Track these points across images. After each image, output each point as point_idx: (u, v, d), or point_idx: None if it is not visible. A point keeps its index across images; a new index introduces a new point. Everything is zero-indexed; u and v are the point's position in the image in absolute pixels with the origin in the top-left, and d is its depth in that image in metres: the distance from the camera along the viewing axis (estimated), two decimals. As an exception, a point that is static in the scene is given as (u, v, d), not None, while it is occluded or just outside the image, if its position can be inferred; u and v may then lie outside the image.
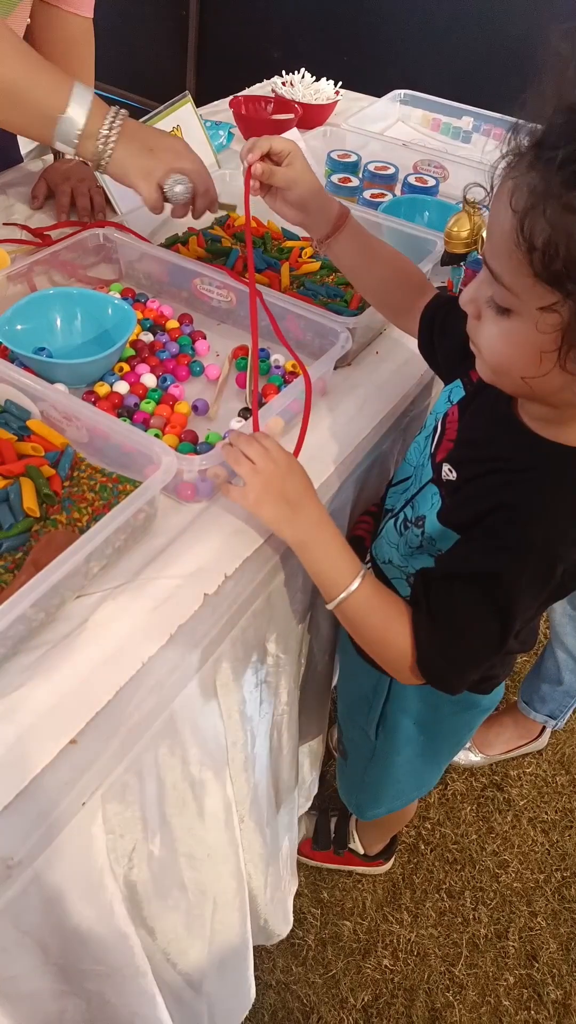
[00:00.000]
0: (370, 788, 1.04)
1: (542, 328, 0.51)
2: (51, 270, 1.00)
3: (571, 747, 1.57)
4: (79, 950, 0.62)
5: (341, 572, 0.67)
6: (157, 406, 0.86)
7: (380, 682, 0.88)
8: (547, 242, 0.47)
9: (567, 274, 0.48)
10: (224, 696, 0.73)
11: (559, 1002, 1.24)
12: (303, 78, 1.61)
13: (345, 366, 0.98)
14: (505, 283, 0.52)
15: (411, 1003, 1.22)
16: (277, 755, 0.92)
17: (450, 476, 0.68)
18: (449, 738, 0.95)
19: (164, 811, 0.68)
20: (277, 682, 0.83)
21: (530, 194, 0.47)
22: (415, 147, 1.45)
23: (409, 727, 0.90)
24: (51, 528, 0.70)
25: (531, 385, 0.55)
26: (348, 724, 1.01)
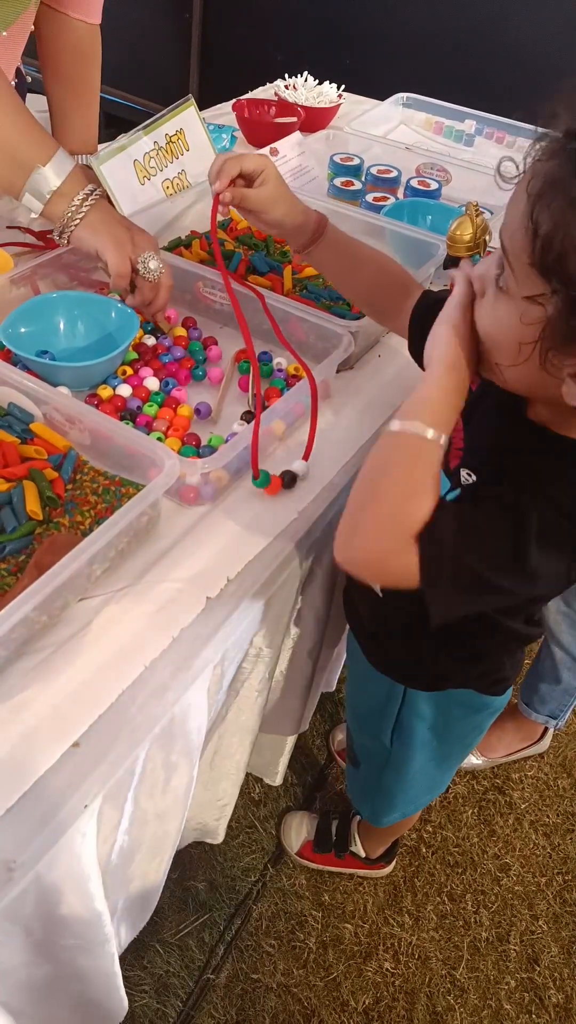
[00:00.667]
0: (386, 794, 1.03)
1: (525, 319, 0.51)
2: (54, 273, 1.01)
3: (573, 750, 1.57)
4: (60, 930, 0.63)
5: (439, 414, 0.59)
6: (160, 410, 0.86)
7: (393, 689, 0.88)
8: (548, 232, 0.48)
9: (557, 268, 0.48)
10: (211, 690, 0.73)
11: (560, 1006, 1.24)
12: (306, 81, 1.62)
13: (347, 369, 0.98)
14: (510, 260, 0.52)
15: (412, 1006, 1.22)
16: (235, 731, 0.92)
17: (470, 480, 0.67)
18: (460, 740, 0.95)
19: (138, 797, 0.68)
20: (252, 669, 0.83)
21: (544, 181, 0.48)
22: (418, 150, 1.45)
23: (424, 732, 0.90)
24: (54, 531, 0.70)
25: (504, 374, 0.56)
26: (361, 733, 1.01)
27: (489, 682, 0.84)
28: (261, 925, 1.27)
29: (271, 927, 1.27)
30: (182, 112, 1.21)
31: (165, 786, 0.73)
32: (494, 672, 0.84)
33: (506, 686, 0.87)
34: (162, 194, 1.18)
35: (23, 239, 1.10)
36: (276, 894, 1.31)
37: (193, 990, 1.19)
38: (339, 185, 1.32)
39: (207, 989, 1.19)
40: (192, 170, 1.23)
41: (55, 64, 1.18)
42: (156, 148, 1.17)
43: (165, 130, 1.19)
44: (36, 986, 0.70)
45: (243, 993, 1.20)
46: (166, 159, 1.19)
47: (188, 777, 0.76)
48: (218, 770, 0.97)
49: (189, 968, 1.21)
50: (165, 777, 0.72)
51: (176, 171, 1.21)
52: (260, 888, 1.31)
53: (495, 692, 0.86)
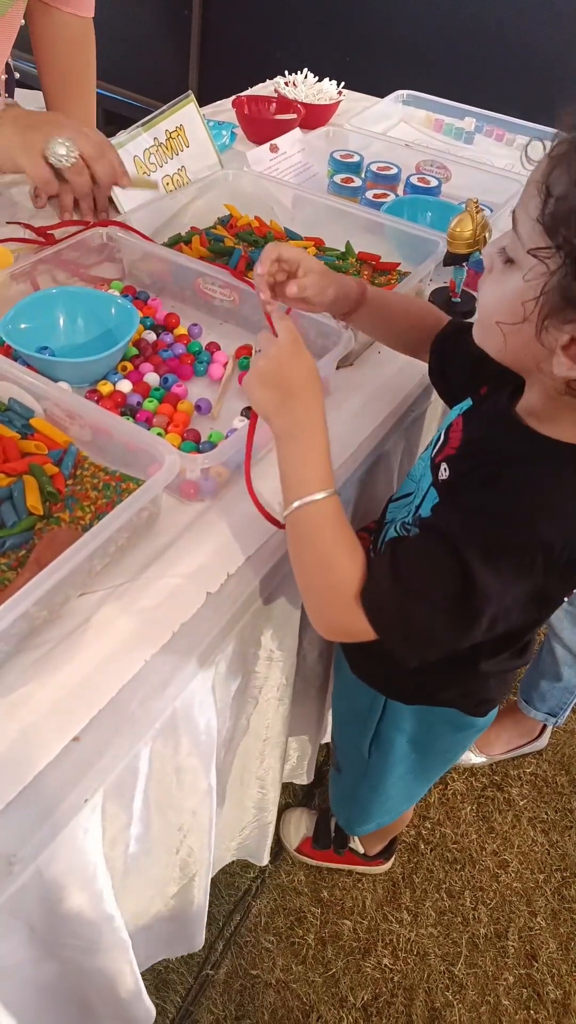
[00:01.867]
0: (361, 804, 1.03)
1: (528, 275, 0.53)
2: (54, 269, 1.01)
3: (571, 747, 1.57)
4: (65, 929, 0.63)
5: (314, 478, 0.63)
6: (160, 405, 0.86)
7: (375, 700, 0.87)
8: (562, 192, 0.50)
9: (564, 224, 0.50)
10: (218, 689, 0.73)
11: (559, 1002, 1.24)
12: (306, 78, 1.61)
13: (347, 366, 0.98)
14: (519, 229, 0.54)
15: (411, 1002, 1.22)
16: (260, 742, 0.93)
17: (444, 475, 0.68)
18: (441, 756, 0.95)
19: (148, 797, 0.69)
20: (267, 673, 0.83)
21: (568, 145, 0.50)
22: (418, 147, 1.45)
23: (403, 745, 0.90)
24: (54, 526, 0.70)
25: (505, 335, 0.57)
26: (342, 739, 1.01)
27: (474, 702, 0.84)
28: (260, 921, 1.27)
29: (270, 923, 1.27)
30: (182, 108, 1.21)
31: (179, 790, 0.73)
32: (480, 693, 0.83)
33: (491, 707, 0.86)
34: (162, 190, 1.17)
35: (23, 235, 1.10)
36: (275, 890, 1.31)
37: (192, 986, 1.19)
38: (339, 182, 1.32)
39: (206, 985, 1.20)
40: (192, 166, 1.23)
41: (49, 59, 1.18)
42: (156, 144, 1.17)
43: (165, 126, 1.19)
44: (43, 985, 0.70)
45: (242, 989, 1.20)
46: (166, 155, 1.19)
47: (205, 782, 0.76)
48: (248, 787, 0.97)
49: (188, 964, 1.21)
50: (177, 780, 0.72)
51: (176, 167, 1.21)
52: (259, 884, 1.31)
53: (479, 713, 0.85)
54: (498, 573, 0.56)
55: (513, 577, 0.57)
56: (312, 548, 0.64)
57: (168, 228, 1.15)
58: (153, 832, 0.73)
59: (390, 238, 1.14)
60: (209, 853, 0.84)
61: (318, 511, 0.62)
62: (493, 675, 0.81)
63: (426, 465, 0.73)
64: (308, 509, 0.62)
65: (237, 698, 0.83)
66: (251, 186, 1.24)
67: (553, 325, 0.52)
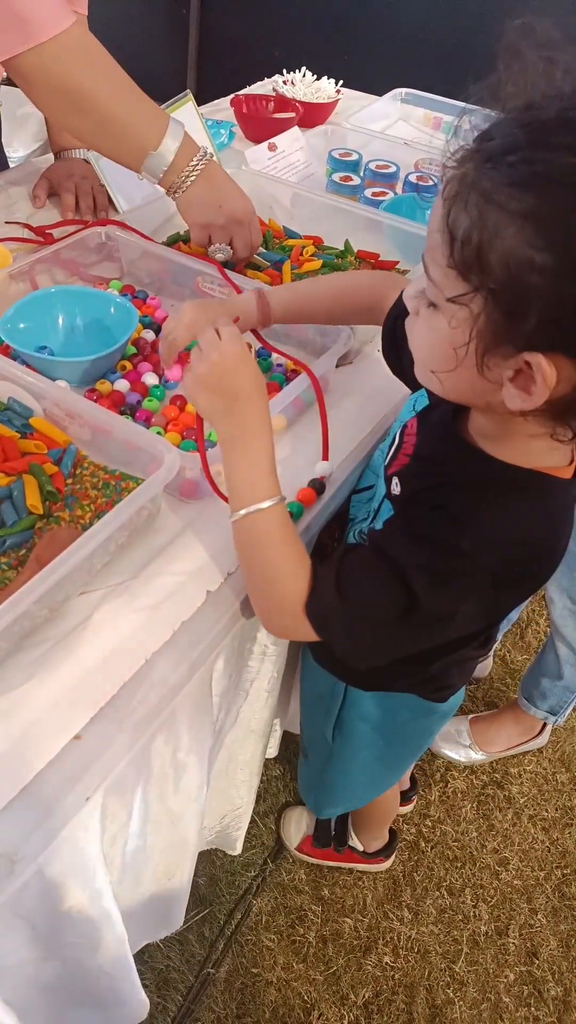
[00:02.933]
0: (327, 788, 1.04)
1: (453, 322, 0.51)
2: (53, 268, 1.01)
3: (571, 745, 1.58)
4: (66, 927, 0.63)
5: (259, 486, 0.63)
6: (166, 406, 0.86)
7: (335, 687, 0.88)
8: (466, 230, 0.47)
9: (476, 265, 0.47)
10: (215, 684, 0.73)
11: (559, 999, 1.24)
12: (304, 76, 1.61)
13: (347, 364, 0.98)
14: (431, 275, 0.52)
15: (412, 1000, 1.22)
16: (247, 732, 0.93)
17: (396, 490, 0.67)
18: (409, 742, 0.95)
19: (147, 794, 0.69)
20: (260, 667, 0.83)
21: (459, 183, 0.48)
22: (416, 146, 1.45)
23: (367, 732, 0.90)
24: (54, 525, 0.70)
25: (441, 381, 0.56)
26: (308, 725, 1.01)
27: (432, 688, 0.84)
28: (261, 920, 1.27)
29: (271, 922, 1.27)
30: (180, 107, 1.21)
31: (176, 786, 0.73)
32: (439, 680, 0.83)
33: (451, 692, 0.86)
34: (160, 189, 1.17)
35: (22, 234, 1.10)
36: (276, 889, 1.31)
37: (193, 984, 1.19)
38: (338, 180, 1.32)
39: (207, 983, 1.20)
40: (190, 165, 1.23)
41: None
42: (154, 143, 1.17)
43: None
44: (44, 984, 0.70)
45: (243, 987, 1.20)
46: (164, 154, 1.19)
47: (200, 777, 0.76)
48: (232, 776, 0.97)
49: (189, 963, 1.21)
50: (175, 776, 0.72)
51: (174, 166, 1.20)
52: (260, 883, 1.31)
53: (439, 699, 0.86)
54: (445, 596, 0.57)
55: (460, 597, 0.58)
56: (258, 556, 0.64)
57: (167, 227, 1.15)
58: (150, 828, 0.73)
59: (389, 236, 1.14)
60: (196, 844, 0.84)
61: (264, 519, 0.63)
62: (453, 664, 0.82)
63: (380, 467, 0.73)
64: (254, 517, 0.63)
65: (230, 691, 0.83)
66: (249, 185, 1.23)
67: (493, 362, 0.51)
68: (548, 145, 0.45)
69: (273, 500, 0.63)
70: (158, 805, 0.72)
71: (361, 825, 1.30)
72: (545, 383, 0.48)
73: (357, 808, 1.12)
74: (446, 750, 1.51)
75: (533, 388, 0.49)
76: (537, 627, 1.79)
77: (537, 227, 0.45)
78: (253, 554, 0.65)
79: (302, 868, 1.34)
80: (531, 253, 0.45)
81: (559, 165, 0.45)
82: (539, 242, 0.45)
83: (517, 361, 0.49)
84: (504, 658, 1.72)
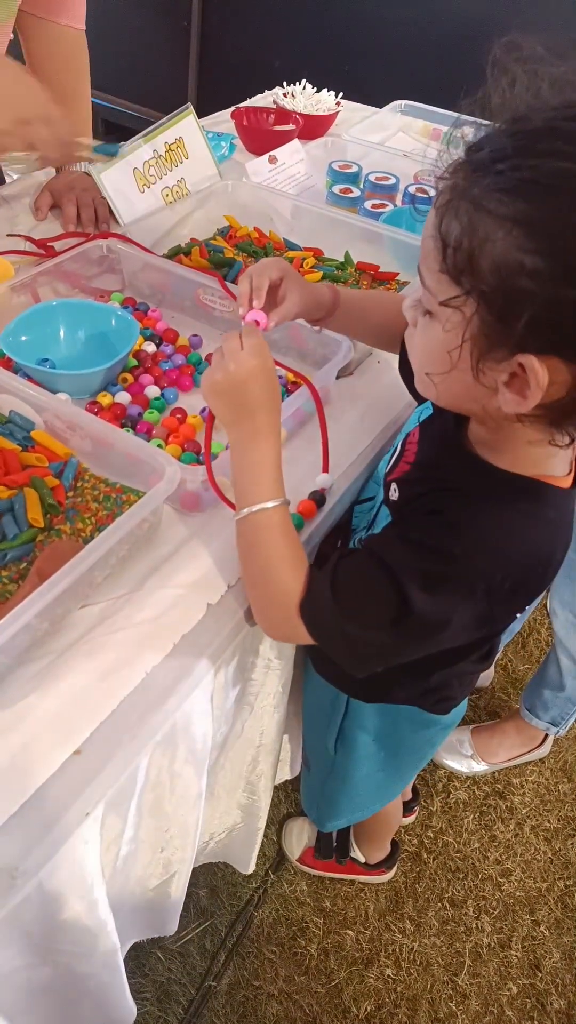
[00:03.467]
0: (329, 800, 1.04)
1: (447, 326, 0.52)
2: (55, 281, 1.01)
3: (573, 755, 1.57)
4: (62, 936, 0.63)
5: (264, 487, 0.65)
6: (166, 418, 0.86)
7: (337, 698, 0.88)
8: (457, 236, 0.49)
9: (467, 269, 0.49)
10: (216, 697, 0.73)
11: (562, 1012, 1.24)
12: (304, 89, 1.62)
13: (347, 376, 0.98)
14: (426, 283, 0.53)
15: (414, 1012, 1.21)
16: (253, 748, 0.93)
17: (395, 496, 0.68)
18: (411, 754, 0.95)
19: (142, 803, 0.69)
20: (264, 681, 0.83)
21: (450, 192, 0.49)
22: (416, 157, 1.46)
23: (368, 743, 0.90)
24: (55, 538, 0.70)
25: (436, 385, 0.57)
26: (310, 736, 1.01)
27: (434, 700, 0.84)
28: (262, 932, 1.27)
29: (272, 934, 1.27)
30: (181, 120, 1.22)
31: (171, 795, 0.73)
32: (440, 691, 0.83)
33: (453, 705, 0.86)
34: (162, 202, 1.18)
35: (24, 247, 1.10)
36: (277, 900, 1.30)
37: (195, 997, 1.19)
38: (337, 192, 1.32)
39: (208, 996, 1.19)
40: (191, 178, 1.24)
41: (43, 71, 1.20)
42: (155, 156, 1.18)
43: (164, 138, 1.20)
44: (35, 989, 0.70)
45: (244, 1000, 1.20)
46: (165, 167, 1.20)
47: (197, 787, 0.76)
48: (235, 792, 0.96)
49: (191, 975, 1.20)
50: (170, 786, 0.72)
51: (175, 179, 1.21)
52: (261, 895, 1.31)
53: (441, 711, 0.85)
54: (437, 602, 0.58)
55: (453, 604, 0.58)
56: (258, 555, 0.66)
57: (168, 239, 1.16)
58: (142, 835, 0.73)
59: (389, 248, 1.15)
60: (193, 852, 0.84)
61: (266, 519, 0.64)
62: (454, 676, 0.82)
63: (383, 476, 0.74)
64: (257, 516, 0.64)
65: (233, 705, 0.83)
66: (250, 197, 1.25)
67: (488, 366, 0.52)
68: (535, 152, 0.46)
69: (277, 501, 0.64)
70: (152, 812, 0.72)
71: (363, 837, 1.30)
72: (539, 385, 0.49)
73: (360, 821, 1.11)
74: (448, 760, 1.50)
75: (528, 391, 0.50)
76: (539, 636, 1.79)
77: (526, 231, 0.46)
78: (254, 553, 0.66)
79: (303, 880, 1.33)
80: (521, 256, 0.46)
81: (547, 170, 0.46)
82: (529, 245, 0.46)
83: (511, 364, 0.50)
84: (506, 667, 1.72)
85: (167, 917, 0.92)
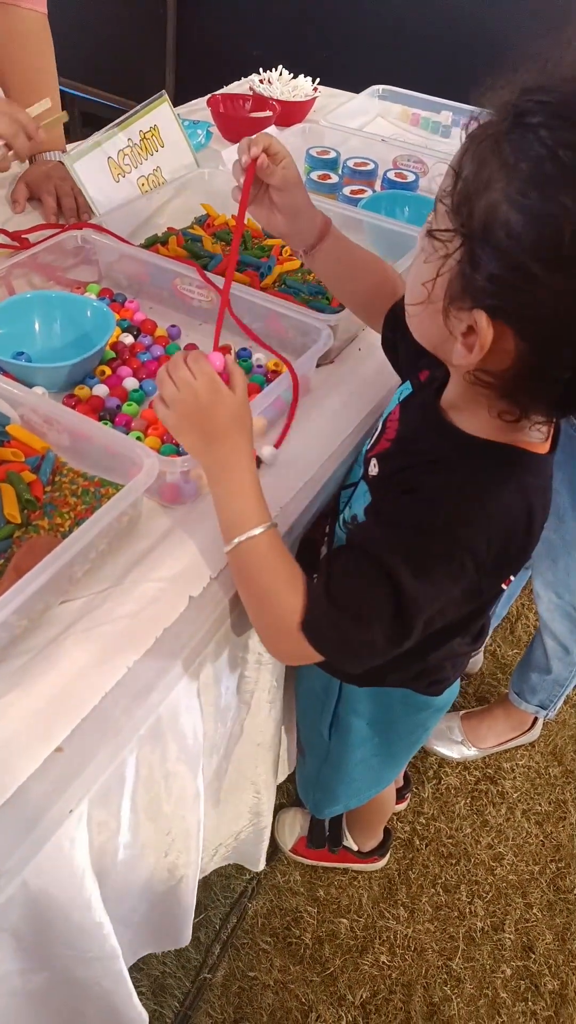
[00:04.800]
0: (325, 787, 1.04)
1: (429, 257, 0.53)
2: (29, 273, 1.00)
3: (563, 738, 1.58)
4: (55, 938, 0.62)
5: (248, 515, 0.64)
6: (145, 410, 0.85)
7: (330, 684, 0.88)
8: (467, 175, 0.50)
9: (463, 207, 0.49)
10: (204, 694, 0.73)
11: (556, 992, 1.25)
12: (281, 75, 1.60)
13: (328, 363, 0.97)
14: (437, 209, 0.53)
15: (409, 998, 1.22)
16: (253, 746, 0.93)
17: (374, 471, 0.68)
18: (405, 738, 0.95)
19: (136, 804, 0.68)
20: (257, 677, 0.82)
21: (484, 127, 0.50)
22: (394, 142, 1.45)
23: (362, 728, 0.90)
24: (33, 534, 0.69)
25: (410, 316, 0.58)
26: (304, 723, 1.01)
27: (428, 682, 0.84)
28: (257, 922, 1.27)
29: (267, 924, 1.27)
30: (155, 108, 1.20)
31: (168, 796, 0.72)
32: (433, 674, 0.83)
33: (446, 686, 0.86)
34: (137, 191, 1.17)
35: (-3, 239, 1.09)
36: (271, 891, 1.31)
37: (190, 990, 1.19)
38: (316, 179, 1.31)
39: (204, 989, 1.19)
40: (167, 166, 1.22)
41: (9, 56, 1.19)
42: (130, 145, 1.16)
43: (139, 127, 1.18)
44: (33, 994, 0.69)
45: (240, 991, 1.20)
46: (141, 156, 1.18)
47: (193, 787, 0.75)
48: (242, 793, 0.96)
49: (185, 968, 1.20)
50: (166, 786, 0.71)
51: (151, 168, 1.20)
52: (255, 886, 1.31)
53: (434, 692, 0.86)
54: (428, 583, 0.58)
55: (444, 583, 0.58)
56: (255, 582, 0.66)
57: (144, 229, 1.14)
58: (142, 838, 0.72)
59: (368, 234, 1.13)
60: (197, 855, 0.83)
61: (256, 546, 0.64)
62: (447, 657, 0.82)
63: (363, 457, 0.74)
64: (247, 545, 0.64)
65: (229, 703, 0.82)
66: (228, 185, 1.22)
67: (453, 312, 0.52)
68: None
69: (263, 527, 0.64)
70: (150, 814, 0.71)
71: (357, 825, 1.30)
72: (481, 345, 0.50)
73: (357, 806, 1.11)
74: (438, 747, 1.51)
75: (475, 348, 0.51)
76: (527, 621, 1.79)
77: (526, 191, 0.46)
78: (250, 581, 0.66)
79: (297, 870, 1.33)
80: (508, 211, 0.47)
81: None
82: (522, 204, 0.46)
83: (470, 316, 0.51)
84: (495, 653, 1.72)
85: (180, 925, 0.91)
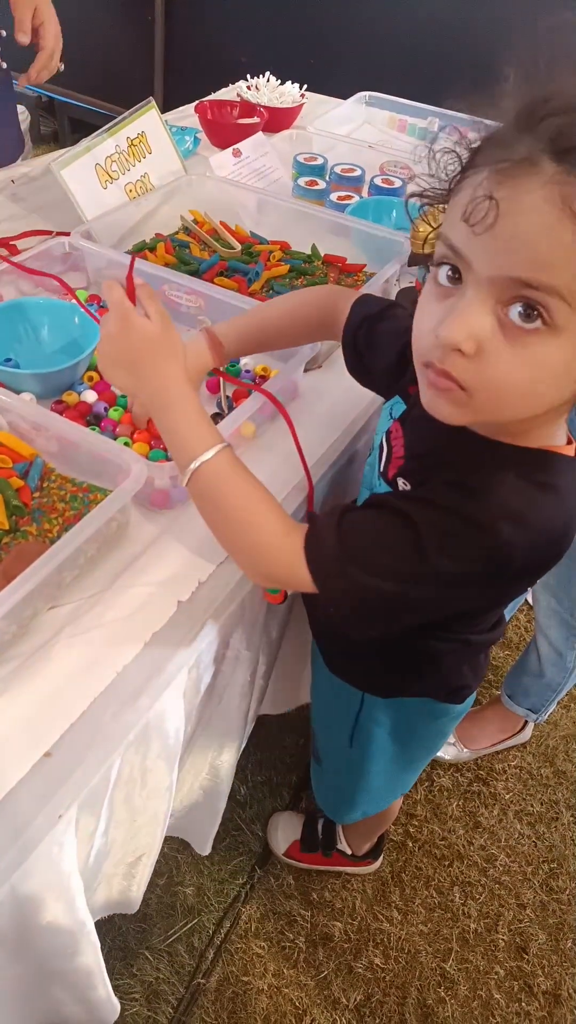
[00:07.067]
0: (345, 794, 1.03)
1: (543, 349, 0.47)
2: (17, 280, 1.00)
3: (555, 739, 1.59)
4: (38, 938, 0.62)
5: (196, 440, 0.61)
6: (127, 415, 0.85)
7: (352, 696, 0.87)
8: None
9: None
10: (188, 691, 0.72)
11: (549, 992, 1.25)
12: (268, 82, 1.62)
13: (315, 368, 0.98)
14: (559, 290, 0.45)
15: (403, 1000, 1.22)
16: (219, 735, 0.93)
17: (406, 487, 0.65)
18: (423, 745, 0.95)
19: (114, 800, 0.68)
20: (232, 672, 0.83)
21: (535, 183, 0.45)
22: (381, 149, 1.46)
23: (383, 737, 0.90)
24: (21, 540, 0.69)
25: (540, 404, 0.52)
26: (322, 732, 1.01)
27: (448, 690, 0.83)
28: (250, 927, 1.27)
29: (260, 928, 1.27)
30: (143, 115, 1.21)
31: (142, 789, 0.72)
32: (453, 680, 0.83)
33: (467, 693, 0.86)
34: (125, 198, 1.17)
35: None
36: (264, 895, 1.30)
37: (184, 996, 1.18)
38: (303, 185, 1.32)
39: (198, 994, 1.19)
40: (155, 173, 1.23)
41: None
42: (118, 151, 1.17)
43: (126, 133, 1.18)
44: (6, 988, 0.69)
45: (234, 996, 1.20)
46: (128, 162, 1.19)
47: (168, 780, 0.75)
48: (199, 775, 0.96)
49: (179, 974, 1.20)
50: (142, 781, 0.71)
51: (139, 174, 1.20)
52: (248, 890, 1.31)
53: (455, 700, 0.85)
54: (457, 564, 0.55)
55: (472, 567, 0.56)
56: (223, 506, 0.62)
57: (132, 236, 1.15)
58: (112, 829, 0.72)
59: (355, 240, 1.14)
60: (160, 838, 0.83)
61: (214, 468, 0.61)
62: (466, 661, 0.81)
63: (375, 476, 0.71)
64: (204, 470, 0.60)
65: (203, 698, 0.82)
66: (215, 191, 1.24)
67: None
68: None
69: (216, 447, 0.61)
70: (123, 806, 0.71)
71: (357, 830, 1.29)
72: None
73: (376, 812, 1.11)
74: (431, 749, 1.51)
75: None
76: (517, 623, 1.80)
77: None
78: (217, 507, 0.62)
79: (290, 873, 1.33)
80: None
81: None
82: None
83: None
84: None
85: (133, 894, 0.91)
